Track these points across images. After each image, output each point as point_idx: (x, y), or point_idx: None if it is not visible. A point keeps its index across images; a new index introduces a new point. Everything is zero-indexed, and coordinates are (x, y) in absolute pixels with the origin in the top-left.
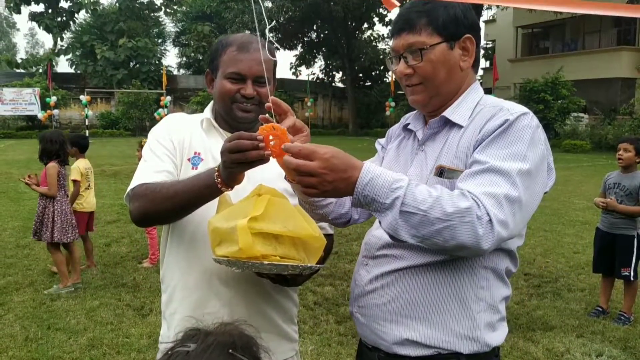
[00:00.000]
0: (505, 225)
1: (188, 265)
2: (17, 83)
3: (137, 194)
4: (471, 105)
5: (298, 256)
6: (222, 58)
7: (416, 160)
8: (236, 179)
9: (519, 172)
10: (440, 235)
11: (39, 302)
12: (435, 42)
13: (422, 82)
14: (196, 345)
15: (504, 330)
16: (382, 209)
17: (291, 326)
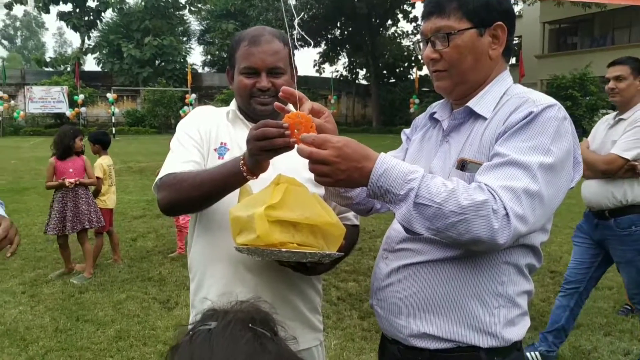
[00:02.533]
0: (523, 220)
1: (215, 253)
2: (46, 81)
3: (165, 184)
4: (497, 95)
5: (316, 244)
6: (237, 54)
7: (440, 151)
8: (262, 167)
9: (541, 165)
10: (455, 228)
11: (68, 294)
12: (464, 28)
13: (448, 68)
14: (217, 323)
15: (524, 325)
16: (397, 200)
17: (315, 315)
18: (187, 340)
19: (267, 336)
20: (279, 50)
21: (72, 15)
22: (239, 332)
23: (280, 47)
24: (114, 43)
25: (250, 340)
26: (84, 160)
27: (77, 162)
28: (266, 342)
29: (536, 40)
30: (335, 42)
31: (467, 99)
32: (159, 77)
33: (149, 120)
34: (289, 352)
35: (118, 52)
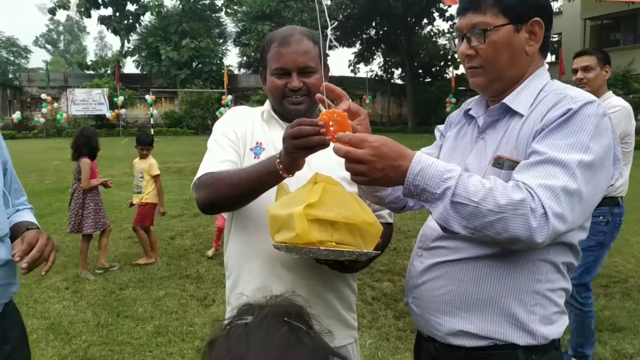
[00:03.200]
0: (562, 218)
1: (251, 250)
2: (87, 84)
3: (203, 183)
4: (534, 92)
5: (354, 242)
6: (268, 55)
7: (475, 149)
8: (297, 165)
9: (580, 163)
10: (492, 227)
11: (109, 290)
12: (500, 24)
13: (483, 65)
14: (253, 317)
15: (562, 323)
16: (433, 199)
17: (350, 313)
18: (224, 335)
19: (303, 329)
20: (309, 49)
21: (112, 19)
22: (275, 325)
23: (310, 47)
24: (153, 46)
25: (286, 333)
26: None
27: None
28: (302, 335)
29: (577, 37)
30: (370, 41)
31: (503, 96)
32: (196, 78)
33: (187, 121)
34: (324, 345)
35: (156, 55)
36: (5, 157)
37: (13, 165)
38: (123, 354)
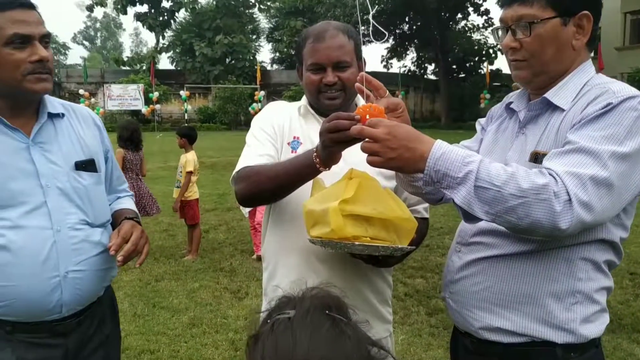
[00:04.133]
0: (588, 207)
1: (288, 244)
2: (123, 80)
3: (242, 176)
4: (577, 86)
5: (389, 238)
6: (303, 51)
7: (516, 144)
8: (334, 159)
9: (613, 154)
10: (514, 212)
11: (145, 282)
12: (548, 17)
13: (528, 58)
14: (295, 311)
15: (603, 322)
16: (454, 184)
17: (386, 307)
18: (268, 330)
19: (344, 321)
20: (343, 44)
21: (147, 15)
22: (319, 320)
23: (345, 41)
24: (187, 42)
25: (330, 327)
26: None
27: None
28: (344, 327)
29: (616, 31)
30: (403, 37)
31: (545, 90)
32: (229, 74)
33: (220, 117)
34: (365, 335)
35: (190, 51)
36: (107, 147)
37: None
38: (159, 344)
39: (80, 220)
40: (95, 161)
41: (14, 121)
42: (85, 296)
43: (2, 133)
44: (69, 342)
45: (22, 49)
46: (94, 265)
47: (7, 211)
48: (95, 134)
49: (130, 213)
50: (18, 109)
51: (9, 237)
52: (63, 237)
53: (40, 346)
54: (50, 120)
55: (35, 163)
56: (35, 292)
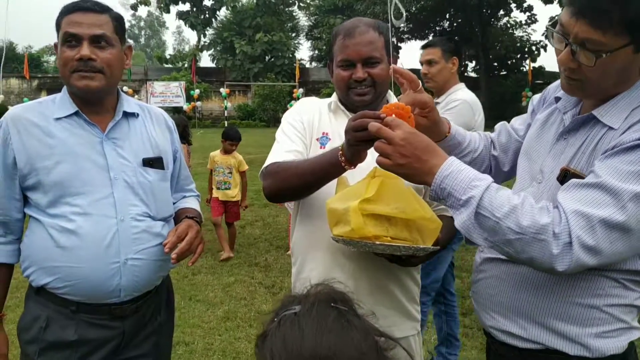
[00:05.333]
0: (593, 251)
1: (314, 240)
2: (165, 77)
3: (269, 172)
4: (633, 103)
5: (410, 237)
6: (334, 48)
7: (555, 149)
8: (360, 158)
9: (635, 196)
10: (512, 245)
11: (182, 275)
12: (619, 46)
13: (583, 81)
14: (301, 306)
15: (626, 338)
16: (457, 205)
17: (413, 305)
18: (275, 326)
19: (350, 312)
20: (373, 40)
21: (189, 14)
22: (324, 311)
23: (375, 37)
24: (228, 40)
25: (336, 317)
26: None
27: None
28: (351, 318)
29: None
30: (443, 34)
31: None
32: (269, 72)
33: (259, 114)
34: (372, 326)
35: (231, 49)
36: (176, 147)
37: None
38: (194, 336)
39: (143, 212)
40: (163, 159)
41: (92, 117)
42: (142, 283)
43: (82, 127)
44: (126, 325)
45: (73, 48)
46: (152, 255)
47: (78, 198)
48: (166, 135)
49: (192, 212)
50: (91, 106)
51: (78, 223)
52: (125, 227)
53: (100, 327)
54: (125, 118)
55: (107, 157)
56: (97, 275)
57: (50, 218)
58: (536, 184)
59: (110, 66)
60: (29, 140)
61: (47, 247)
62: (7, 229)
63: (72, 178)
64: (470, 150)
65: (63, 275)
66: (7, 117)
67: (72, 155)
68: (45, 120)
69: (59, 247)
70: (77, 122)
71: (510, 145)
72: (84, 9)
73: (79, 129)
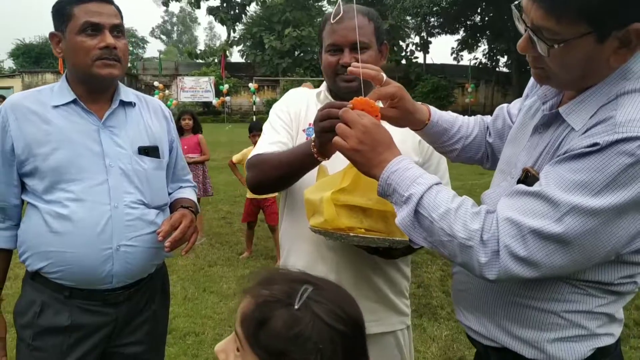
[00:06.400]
0: (527, 263)
1: (299, 231)
2: (195, 72)
3: (252, 164)
4: (600, 100)
5: (386, 229)
6: (323, 33)
7: (530, 142)
8: (330, 149)
9: (574, 208)
10: (445, 248)
11: (199, 267)
12: (577, 35)
13: (547, 70)
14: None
15: (588, 346)
16: (400, 202)
17: (401, 299)
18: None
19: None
20: (362, 25)
21: (219, 9)
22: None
23: (364, 23)
24: (257, 35)
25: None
26: (198, 138)
27: (191, 139)
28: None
29: None
30: (474, 28)
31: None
32: (297, 67)
33: None
34: None
35: (260, 44)
36: (173, 137)
37: None
38: (204, 327)
39: (137, 200)
40: (159, 148)
41: (90, 105)
42: (134, 270)
43: (79, 115)
44: (119, 312)
45: (93, 37)
46: (145, 243)
47: (72, 184)
48: (163, 124)
49: (187, 202)
50: (94, 94)
51: (72, 208)
52: (119, 213)
53: (93, 313)
54: (122, 107)
55: (103, 144)
56: (89, 261)
57: (45, 204)
58: (509, 179)
59: (125, 55)
60: (26, 127)
61: (42, 232)
62: (5, 215)
63: (68, 165)
64: (462, 136)
65: (56, 260)
66: (6, 105)
67: (69, 142)
68: (43, 107)
69: (53, 232)
70: (75, 110)
71: (505, 131)
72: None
73: (76, 117)
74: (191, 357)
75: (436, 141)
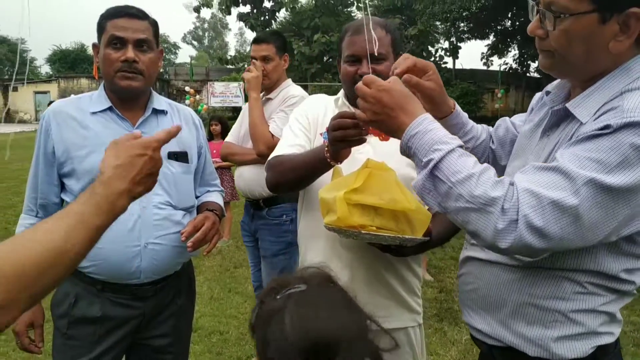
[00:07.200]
0: (541, 233)
1: (315, 229)
2: (225, 78)
3: (270, 165)
4: (605, 96)
5: (397, 228)
6: (342, 44)
7: (538, 146)
8: (342, 155)
9: (590, 181)
10: (460, 214)
11: (225, 268)
12: (581, 11)
13: (553, 52)
14: (306, 285)
15: (588, 344)
16: (420, 166)
17: (413, 297)
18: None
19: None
20: (380, 37)
21: (250, 15)
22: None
23: (381, 35)
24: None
25: (342, 298)
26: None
27: (219, 144)
28: (344, 293)
29: None
30: (505, 33)
31: (584, 84)
32: (326, 72)
33: None
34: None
35: (289, 50)
36: (201, 143)
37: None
38: (229, 326)
39: (165, 201)
40: (188, 154)
41: (125, 112)
42: (160, 267)
43: (114, 121)
44: (146, 306)
45: (118, 50)
46: (172, 241)
47: None
48: (192, 131)
49: (213, 205)
50: (126, 102)
51: None
52: (147, 213)
53: (123, 306)
54: (155, 114)
55: None
56: (119, 257)
57: None
58: None
59: (149, 69)
60: (66, 131)
61: None
62: (46, 212)
63: None
64: (473, 137)
65: (89, 255)
66: (49, 111)
67: (104, 146)
68: (82, 114)
69: None
70: (111, 117)
71: (507, 139)
72: (130, 14)
73: (111, 123)
74: (215, 355)
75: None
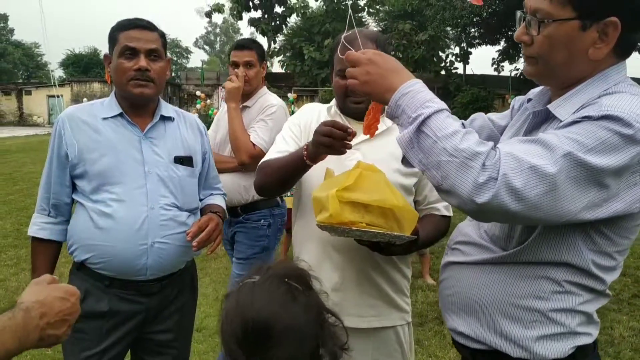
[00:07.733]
0: (517, 195)
1: (308, 232)
2: None
3: (259, 169)
4: (583, 99)
5: (386, 225)
6: (334, 57)
7: None
8: (318, 157)
9: (568, 154)
10: (440, 169)
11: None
12: (564, 17)
13: (537, 57)
14: (260, 277)
15: (568, 344)
16: (407, 123)
17: (401, 297)
18: (235, 290)
19: (299, 290)
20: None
21: (261, 21)
22: (277, 285)
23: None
24: (297, 46)
25: (284, 292)
26: None
27: None
28: (297, 294)
29: None
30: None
31: (563, 91)
32: None
33: None
34: (317, 302)
35: (300, 55)
36: (205, 148)
37: None
38: None
39: (171, 202)
40: (193, 158)
41: (134, 118)
42: (166, 265)
43: (124, 127)
44: (151, 302)
45: (130, 59)
46: (177, 241)
47: (116, 187)
48: (197, 137)
49: (216, 207)
50: (136, 109)
51: (114, 208)
52: (154, 214)
53: (129, 301)
54: (162, 121)
55: (143, 153)
56: (127, 254)
57: (92, 203)
58: None
59: (159, 76)
60: (79, 135)
61: (88, 227)
62: (57, 211)
63: (113, 169)
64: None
65: (99, 253)
66: (63, 115)
67: (114, 149)
68: (94, 119)
69: (98, 228)
70: (121, 122)
71: (484, 130)
72: (140, 26)
73: (121, 128)
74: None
75: None
